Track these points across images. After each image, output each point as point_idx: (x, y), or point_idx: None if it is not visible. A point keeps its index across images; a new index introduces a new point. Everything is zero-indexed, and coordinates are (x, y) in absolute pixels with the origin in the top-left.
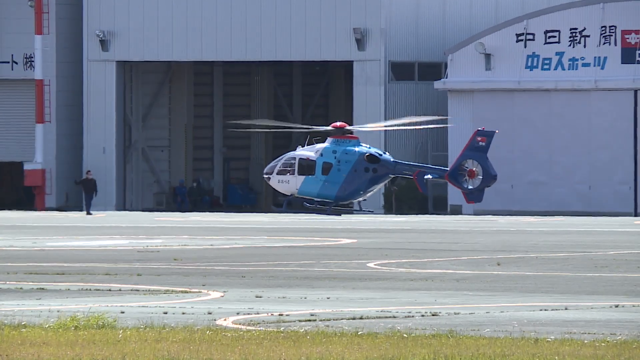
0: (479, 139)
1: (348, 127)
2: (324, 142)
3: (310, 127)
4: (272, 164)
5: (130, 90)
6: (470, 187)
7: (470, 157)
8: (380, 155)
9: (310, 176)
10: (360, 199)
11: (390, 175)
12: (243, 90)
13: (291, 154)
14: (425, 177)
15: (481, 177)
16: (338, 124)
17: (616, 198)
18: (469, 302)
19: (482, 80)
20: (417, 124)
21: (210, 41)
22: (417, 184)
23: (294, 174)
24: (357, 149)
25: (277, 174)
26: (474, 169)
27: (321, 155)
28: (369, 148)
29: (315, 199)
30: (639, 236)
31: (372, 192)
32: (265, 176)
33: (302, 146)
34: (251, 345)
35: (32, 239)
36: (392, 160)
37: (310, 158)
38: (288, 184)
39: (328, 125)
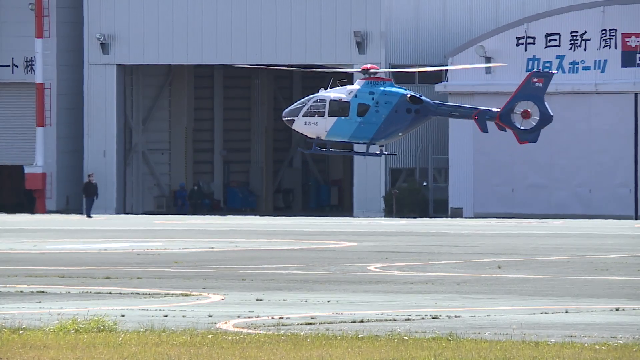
0: (535, 79)
1: (377, 70)
2: (348, 84)
3: (335, 69)
4: (294, 106)
5: (130, 94)
6: (522, 127)
7: (524, 98)
8: (420, 96)
9: (343, 117)
10: (395, 139)
11: (431, 117)
12: (243, 94)
13: (319, 95)
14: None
15: (538, 118)
16: (368, 65)
17: (616, 201)
18: (470, 305)
19: (483, 83)
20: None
21: (211, 44)
22: (478, 125)
23: (323, 115)
24: (397, 90)
25: (303, 116)
26: (528, 109)
27: (355, 96)
28: (405, 90)
29: (347, 141)
30: (639, 239)
31: (406, 133)
32: (286, 119)
33: (325, 89)
34: (252, 349)
35: (32, 242)
36: (432, 101)
37: (342, 99)
38: (316, 126)
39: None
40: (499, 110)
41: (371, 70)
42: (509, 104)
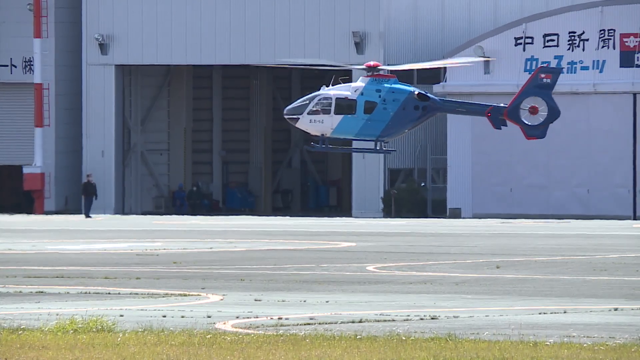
0: (542, 75)
1: (381, 67)
2: (349, 82)
3: (339, 66)
4: (297, 104)
5: (129, 94)
6: (530, 123)
7: (532, 94)
8: (426, 93)
9: (349, 115)
10: (400, 135)
11: (436, 113)
12: (242, 94)
13: (323, 93)
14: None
15: (545, 114)
16: (372, 63)
17: (615, 201)
18: (468, 306)
19: (481, 83)
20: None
21: (209, 45)
22: (491, 123)
23: (329, 113)
24: (404, 87)
25: (308, 113)
26: (536, 105)
27: (362, 94)
28: (410, 87)
29: (353, 139)
30: (638, 239)
31: (411, 130)
32: (289, 117)
33: (327, 86)
34: (250, 349)
35: (31, 242)
36: (438, 98)
37: (348, 97)
38: (322, 124)
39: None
40: (503, 106)
41: (377, 68)
42: (517, 99)
